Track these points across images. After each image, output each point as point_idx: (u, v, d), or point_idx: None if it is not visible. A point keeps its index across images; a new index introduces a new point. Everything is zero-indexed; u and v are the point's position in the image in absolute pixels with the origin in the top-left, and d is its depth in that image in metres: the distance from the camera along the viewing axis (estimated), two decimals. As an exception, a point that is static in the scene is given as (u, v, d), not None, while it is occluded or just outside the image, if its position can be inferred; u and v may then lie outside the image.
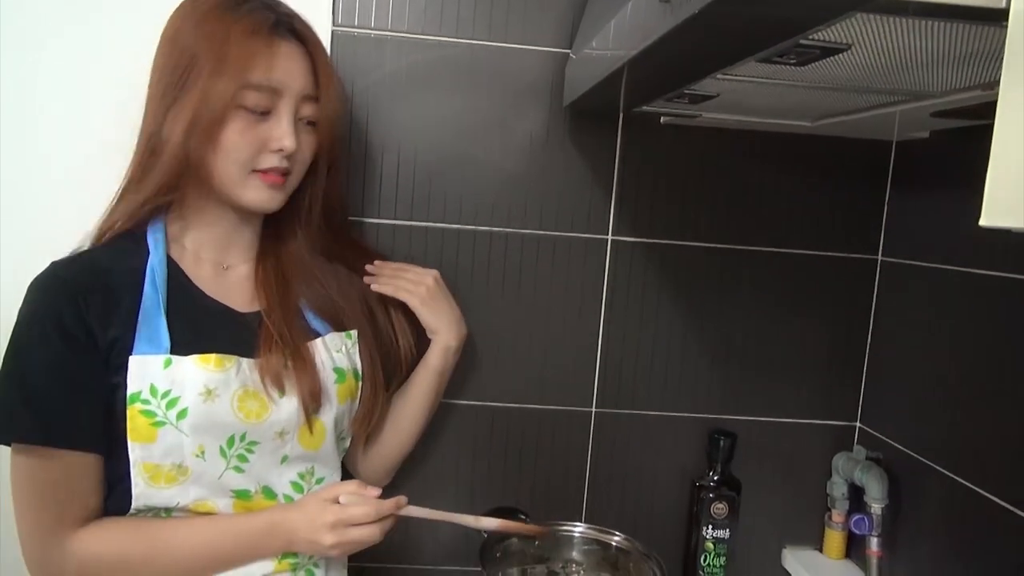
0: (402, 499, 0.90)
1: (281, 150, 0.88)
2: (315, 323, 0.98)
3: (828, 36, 0.56)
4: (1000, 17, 0.45)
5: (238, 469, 0.88)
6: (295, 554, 0.91)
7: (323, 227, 1.01)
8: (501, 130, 1.17)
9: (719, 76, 0.74)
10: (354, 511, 0.85)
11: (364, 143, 1.15)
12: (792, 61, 0.64)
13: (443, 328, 1.08)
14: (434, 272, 1.09)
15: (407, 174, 1.16)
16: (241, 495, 0.89)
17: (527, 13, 1.14)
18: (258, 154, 0.88)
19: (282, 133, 0.87)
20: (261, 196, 0.90)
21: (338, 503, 0.86)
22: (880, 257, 1.23)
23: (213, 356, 0.86)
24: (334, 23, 1.12)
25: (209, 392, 0.84)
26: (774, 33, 0.58)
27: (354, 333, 1.01)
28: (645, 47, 0.66)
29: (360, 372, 1.00)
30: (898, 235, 1.20)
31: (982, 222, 0.47)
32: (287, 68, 0.88)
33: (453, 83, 1.15)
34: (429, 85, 1.15)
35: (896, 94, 0.79)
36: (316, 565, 0.94)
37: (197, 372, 0.84)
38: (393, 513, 0.88)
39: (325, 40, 1.05)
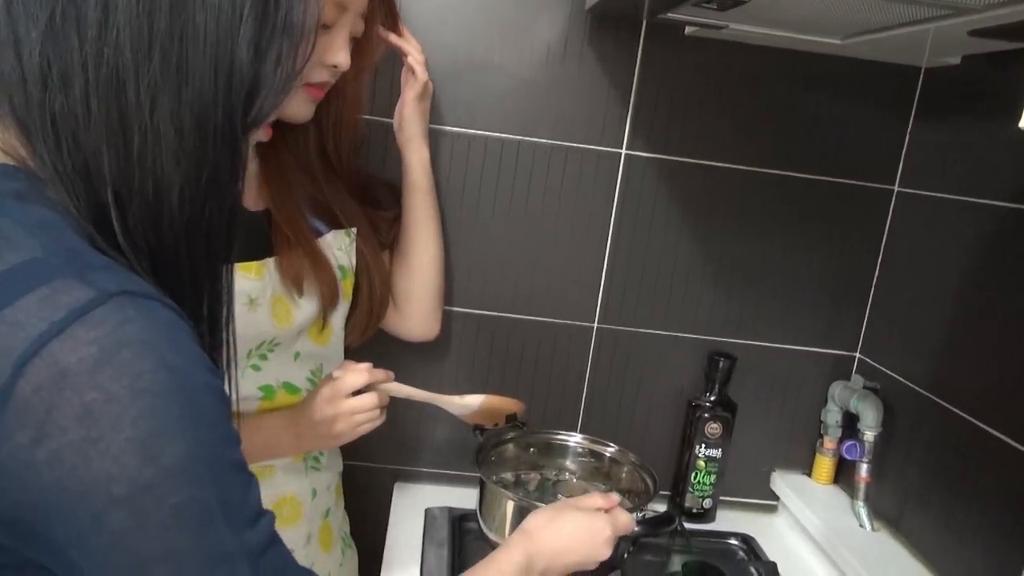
0: (390, 373, 0.91)
1: (335, 66, 0.85)
2: (314, 222, 0.96)
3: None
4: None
5: (255, 368, 0.89)
6: None
7: (335, 141, 0.98)
8: (517, 34, 1.13)
9: (754, -26, 0.70)
10: (345, 380, 0.86)
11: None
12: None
13: (419, 134, 1.03)
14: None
15: (420, 74, 1.12)
16: (265, 391, 0.90)
17: (553, -92, 1.09)
18: (313, 67, 0.85)
19: (339, 49, 0.84)
20: (302, 110, 0.87)
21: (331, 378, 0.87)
22: (896, 188, 1.21)
23: (253, 264, 0.85)
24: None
25: (252, 301, 0.84)
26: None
27: (353, 231, 0.99)
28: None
29: (357, 270, 0.99)
30: (917, 166, 1.18)
31: (1022, 124, 0.46)
32: None
33: (471, -20, 1.11)
34: (446, -19, 1.10)
35: (937, 6, 0.76)
36: (321, 455, 0.97)
37: (241, 281, 0.83)
38: (385, 387, 0.89)
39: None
